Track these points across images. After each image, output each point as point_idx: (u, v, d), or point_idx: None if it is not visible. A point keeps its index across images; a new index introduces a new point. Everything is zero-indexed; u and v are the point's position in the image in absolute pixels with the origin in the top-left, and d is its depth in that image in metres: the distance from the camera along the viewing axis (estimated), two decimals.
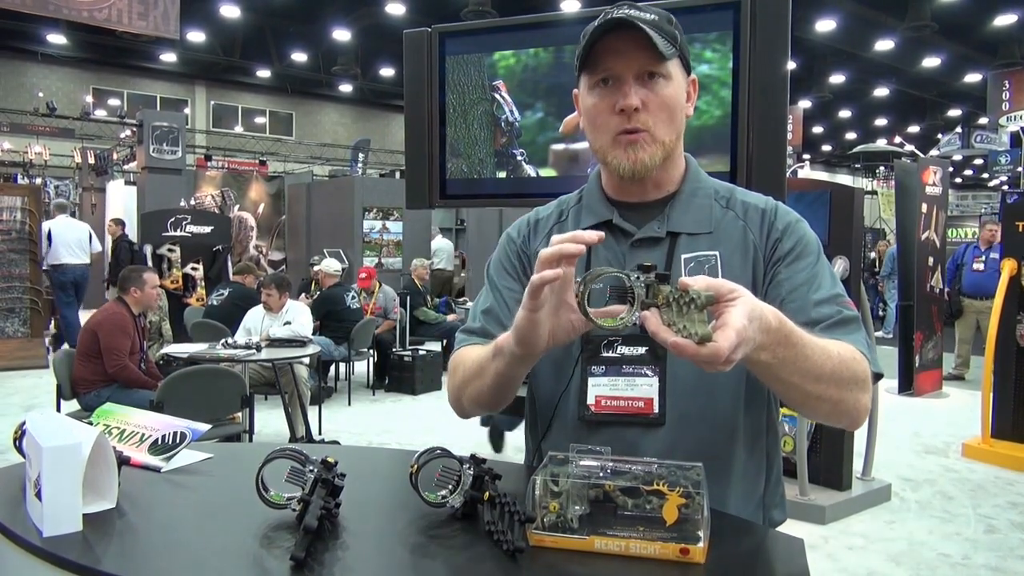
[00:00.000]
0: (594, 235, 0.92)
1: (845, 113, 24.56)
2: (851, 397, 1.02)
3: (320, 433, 5.34)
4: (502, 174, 2.74)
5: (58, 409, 4.15)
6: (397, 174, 18.24)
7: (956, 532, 3.70)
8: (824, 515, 3.77)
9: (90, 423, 1.30)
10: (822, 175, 26.71)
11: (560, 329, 0.98)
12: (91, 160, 13.73)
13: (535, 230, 1.27)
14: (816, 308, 1.07)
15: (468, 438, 4.81)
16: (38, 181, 13.71)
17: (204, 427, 1.34)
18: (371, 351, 7.06)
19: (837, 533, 3.68)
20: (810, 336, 0.96)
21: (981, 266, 7.13)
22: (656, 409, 1.12)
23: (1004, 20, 15.13)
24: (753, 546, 1.02)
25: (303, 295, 7.81)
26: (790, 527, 1.14)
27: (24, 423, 1.13)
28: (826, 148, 29.82)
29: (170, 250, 8.13)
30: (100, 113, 18.70)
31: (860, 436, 4.15)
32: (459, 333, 1.25)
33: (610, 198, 1.21)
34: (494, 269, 1.27)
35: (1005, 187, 19.27)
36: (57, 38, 17.01)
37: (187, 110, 20.56)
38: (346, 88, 21.93)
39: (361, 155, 17.61)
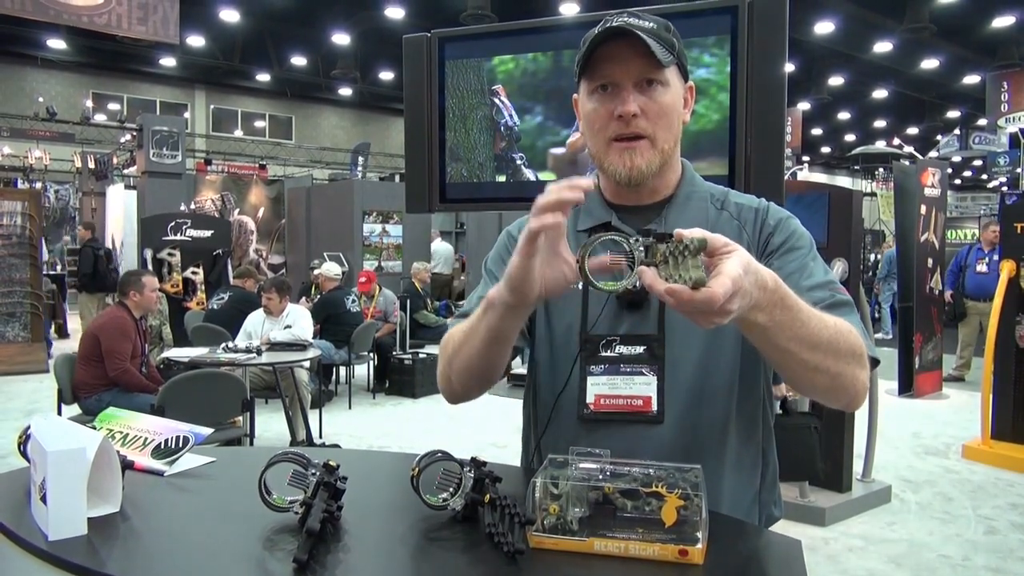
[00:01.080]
0: (589, 182, 0.94)
1: (844, 115, 24.57)
2: (849, 371, 1.02)
3: (320, 436, 5.35)
4: (502, 178, 2.75)
5: (59, 413, 4.15)
6: (397, 177, 18.24)
7: (956, 533, 3.71)
8: (824, 517, 3.77)
9: (93, 427, 1.31)
10: (821, 177, 26.74)
11: (553, 280, 0.98)
12: (91, 164, 13.73)
13: None
14: (809, 292, 1.08)
15: (469, 441, 4.81)
16: (38, 186, 13.73)
17: (207, 431, 1.35)
18: (371, 354, 7.07)
19: (837, 535, 3.68)
20: (807, 304, 0.97)
21: (984, 268, 7.12)
22: (655, 407, 1.13)
23: (1002, 21, 15.14)
24: (751, 547, 1.03)
25: (303, 299, 7.81)
26: (791, 529, 1.15)
27: (29, 427, 1.13)
28: (825, 150, 29.84)
29: (170, 254, 8.13)
30: (100, 117, 18.73)
31: (860, 437, 4.16)
32: (453, 319, 1.26)
33: (608, 201, 1.23)
34: (492, 263, 1.29)
35: (1004, 188, 19.28)
36: (57, 43, 17.02)
37: (187, 114, 20.56)
38: (346, 92, 21.92)
39: (361, 159, 17.59)
